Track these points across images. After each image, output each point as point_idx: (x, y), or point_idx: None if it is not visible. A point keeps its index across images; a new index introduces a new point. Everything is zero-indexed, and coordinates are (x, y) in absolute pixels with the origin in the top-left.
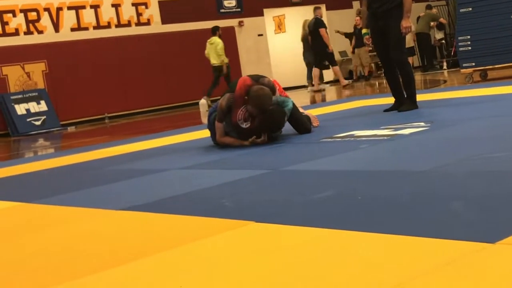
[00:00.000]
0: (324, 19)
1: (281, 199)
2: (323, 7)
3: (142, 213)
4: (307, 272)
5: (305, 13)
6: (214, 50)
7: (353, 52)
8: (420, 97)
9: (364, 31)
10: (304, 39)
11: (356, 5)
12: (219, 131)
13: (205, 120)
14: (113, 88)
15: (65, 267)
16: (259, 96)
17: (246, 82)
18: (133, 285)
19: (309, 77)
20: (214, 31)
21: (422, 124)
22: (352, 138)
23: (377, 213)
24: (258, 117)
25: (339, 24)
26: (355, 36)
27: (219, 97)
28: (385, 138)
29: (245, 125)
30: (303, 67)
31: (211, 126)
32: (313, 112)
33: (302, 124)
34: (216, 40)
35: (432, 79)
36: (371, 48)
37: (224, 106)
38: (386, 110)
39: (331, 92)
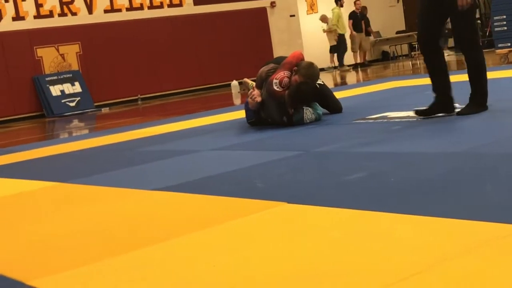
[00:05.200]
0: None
1: (313, 180)
2: None
3: (175, 194)
4: (339, 253)
5: None
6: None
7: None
8: (454, 78)
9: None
10: None
11: None
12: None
13: (237, 101)
14: (146, 69)
15: (100, 245)
16: (310, 67)
17: (300, 55)
18: (166, 264)
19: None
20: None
21: (457, 105)
22: (385, 120)
23: (410, 195)
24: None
25: (370, 4)
26: (352, 21)
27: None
28: (419, 119)
29: (276, 87)
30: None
31: (246, 107)
32: (345, 94)
33: (333, 103)
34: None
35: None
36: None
37: (264, 73)
38: (419, 113)
39: (358, 74)
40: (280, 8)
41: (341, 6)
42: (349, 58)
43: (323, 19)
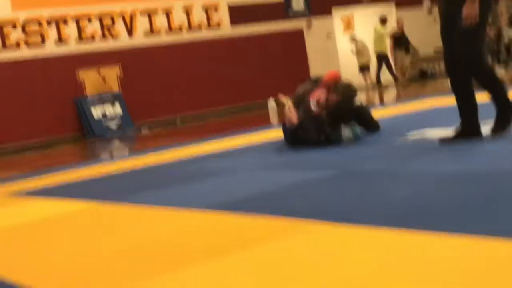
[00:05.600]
0: (393, 17)
1: (353, 199)
2: (392, 5)
3: (218, 213)
4: (381, 274)
5: (374, 12)
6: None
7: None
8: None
9: None
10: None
11: (425, 3)
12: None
13: (275, 120)
14: (184, 91)
15: (144, 264)
16: (348, 86)
17: (337, 74)
18: (210, 284)
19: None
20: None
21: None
22: (425, 139)
23: (452, 215)
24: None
25: (408, 22)
26: (393, 37)
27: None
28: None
29: (314, 107)
30: (372, 67)
31: (284, 127)
32: (383, 113)
33: (371, 122)
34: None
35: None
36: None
37: (301, 93)
38: (444, 141)
39: (396, 92)
40: (316, 28)
41: (385, 26)
42: (384, 76)
43: (353, 39)
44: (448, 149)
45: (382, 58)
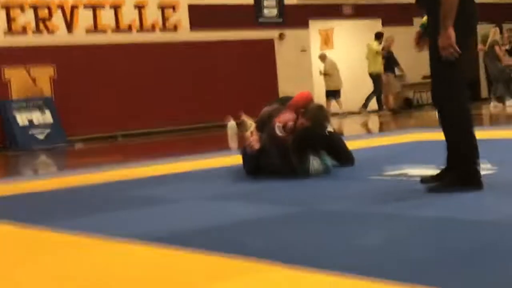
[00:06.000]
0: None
1: (318, 242)
2: (378, 22)
3: (152, 247)
4: None
5: (357, 28)
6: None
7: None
8: (483, 135)
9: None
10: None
11: (417, 21)
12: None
13: (233, 144)
14: (130, 102)
15: None
16: (320, 110)
17: (309, 96)
18: None
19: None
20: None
21: (489, 166)
22: (405, 177)
23: (430, 266)
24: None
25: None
26: (384, 59)
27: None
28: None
29: (279, 132)
30: (353, 91)
31: (244, 152)
32: (359, 144)
33: (344, 153)
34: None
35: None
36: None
37: (267, 114)
38: (424, 181)
39: (377, 123)
40: (290, 41)
41: (381, 43)
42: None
43: (322, 57)
44: (427, 192)
45: (377, 80)
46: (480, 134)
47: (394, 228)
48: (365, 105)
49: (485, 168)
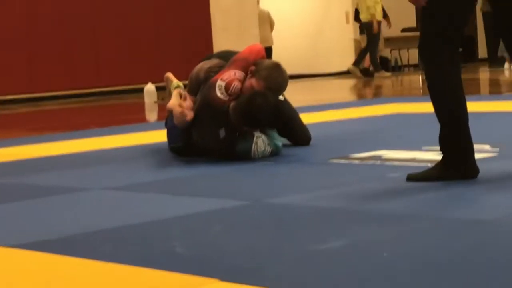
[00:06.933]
0: None
1: (263, 247)
2: None
3: (42, 254)
4: None
5: None
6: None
7: None
8: (477, 107)
9: None
10: None
11: None
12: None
13: (153, 115)
14: (14, 60)
15: None
16: (276, 69)
17: (261, 50)
18: None
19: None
20: None
21: (487, 147)
22: (378, 161)
23: (405, 278)
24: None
25: None
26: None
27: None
28: (428, 165)
29: (220, 93)
30: (316, 47)
31: (170, 125)
32: (320, 117)
33: (299, 130)
34: None
35: (493, 80)
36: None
37: (203, 72)
38: (410, 178)
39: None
40: None
41: None
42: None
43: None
44: (410, 181)
45: (371, 30)
46: (476, 106)
47: (361, 229)
48: (357, 61)
49: (482, 151)
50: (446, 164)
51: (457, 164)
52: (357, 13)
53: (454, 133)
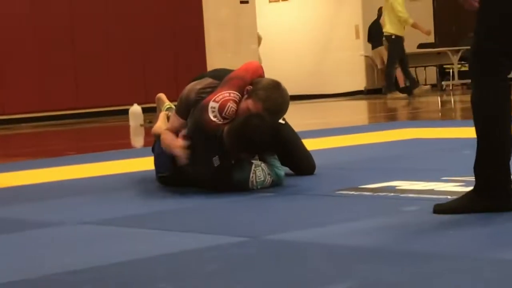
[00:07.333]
0: None
1: None
2: None
3: None
4: None
5: None
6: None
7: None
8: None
9: None
10: None
11: None
12: (170, 125)
13: (137, 141)
14: None
15: None
16: (276, 89)
17: (258, 68)
18: None
19: None
20: None
21: None
22: (392, 193)
23: None
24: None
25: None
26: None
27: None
28: (448, 197)
29: (213, 116)
30: (322, 64)
31: (158, 151)
32: (328, 143)
33: (303, 158)
34: None
35: None
36: None
37: (194, 94)
38: (438, 210)
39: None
40: None
41: None
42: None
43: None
44: (428, 215)
45: (395, 45)
46: None
47: (373, 269)
48: (389, 84)
49: None
50: (479, 193)
51: (493, 194)
52: (370, 32)
53: (495, 159)
